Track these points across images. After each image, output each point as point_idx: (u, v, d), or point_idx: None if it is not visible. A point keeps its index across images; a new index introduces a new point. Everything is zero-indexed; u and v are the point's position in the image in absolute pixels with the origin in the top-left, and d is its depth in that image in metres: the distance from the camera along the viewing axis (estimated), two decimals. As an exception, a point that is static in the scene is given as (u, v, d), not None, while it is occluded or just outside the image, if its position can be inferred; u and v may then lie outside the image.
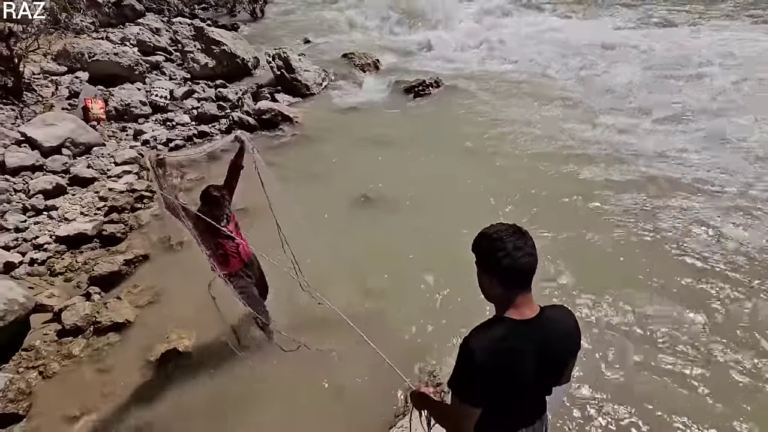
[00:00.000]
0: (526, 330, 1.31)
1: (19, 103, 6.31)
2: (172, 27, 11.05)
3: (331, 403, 3.00)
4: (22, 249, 4.34)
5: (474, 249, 1.38)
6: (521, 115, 7.01)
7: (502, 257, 1.28)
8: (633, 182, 5.18)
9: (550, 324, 1.36)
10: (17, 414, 2.98)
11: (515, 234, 1.31)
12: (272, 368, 3.25)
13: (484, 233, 1.35)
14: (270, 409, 2.99)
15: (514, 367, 1.30)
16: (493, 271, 1.31)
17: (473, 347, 1.28)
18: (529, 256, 1.30)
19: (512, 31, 11.30)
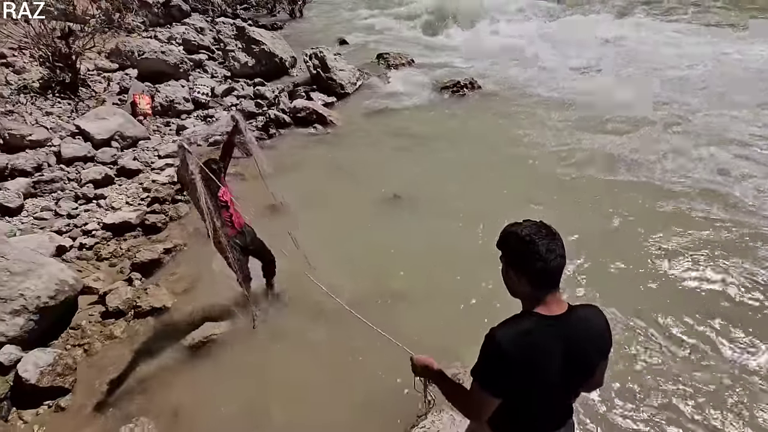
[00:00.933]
0: (553, 326, 1.30)
1: (74, 97, 6.73)
2: (216, 26, 11.47)
3: (350, 402, 3.03)
4: (73, 234, 4.64)
5: (501, 246, 1.38)
6: (556, 123, 6.78)
7: (534, 259, 1.27)
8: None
9: (580, 323, 1.34)
10: (63, 387, 3.19)
11: (547, 235, 1.29)
12: (298, 361, 3.33)
13: (514, 232, 1.33)
14: (294, 409, 3.05)
15: (539, 362, 1.28)
16: (522, 271, 1.31)
17: (499, 338, 1.28)
18: (560, 257, 1.29)
19: (558, 35, 10.94)
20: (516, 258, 1.32)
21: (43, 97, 6.52)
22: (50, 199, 5.06)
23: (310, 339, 3.49)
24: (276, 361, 3.35)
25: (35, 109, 6.24)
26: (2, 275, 3.34)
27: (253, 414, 3.00)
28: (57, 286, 3.54)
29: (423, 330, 3.43)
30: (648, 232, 4.36)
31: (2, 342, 3.24)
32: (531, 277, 1.30)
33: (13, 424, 3.01)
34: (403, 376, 2.89)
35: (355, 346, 3.35)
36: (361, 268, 4.12)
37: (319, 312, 3.67)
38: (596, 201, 4.92)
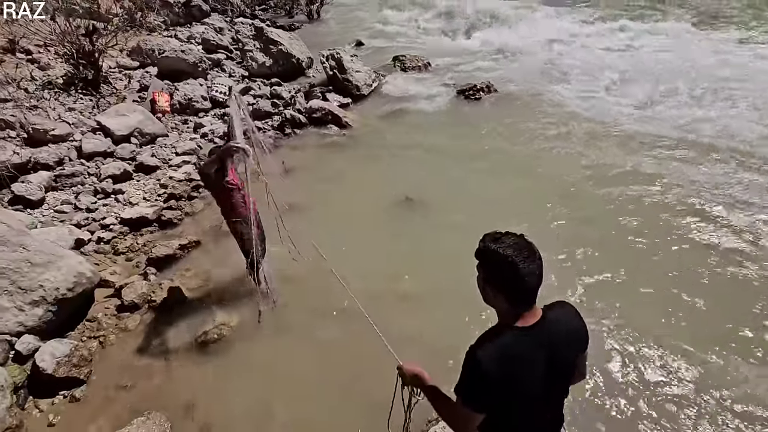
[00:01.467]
0: (532, 336, 1.31)
1: (96, 94, 6.87)
2: (234, 27, 11.61)
3: (358, 404, 3.01)
4: (91, 228, 4.72)
5: (479, 258, 1.36)
6: (576, 134, 6.63)
7: (513, 281, 1.27)
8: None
9: (555, 326, 1.35)
10: (78, 378, 3.24)
11: (528, 256, 1.27)
12: (308, 360, 3.34)
13: (494, 250, 1.30)
14: (302, 405, 3.05)
15: (521, 375, 1.30)
16: (499, 289, 1.32)
17: (479, 356, 1.29)
18: (538, 277, 1.29)
19: (585, 40, 10.78)
20: (494, 276, 1.32)
21: (66, 93, 6.67)
22: (70, 193, 5.16)
23: (321, 338, 3.50)
24: (286, 360, 3.36)
25: (58, 105, 6.38)
26: (23, 266, 3.42)
27: (262, 412, 3.01)
28: (75, 278, 3.60)
29: (427, 332, 3.42)
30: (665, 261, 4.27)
31: (21, 331, 3.31)
32: (509, 295, 1.31)
33: (29, 413, 3.06)
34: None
35: (366, 347, 3.33)
36: (369, 267, 4.12)
37: (332, 312, 3.71)
38: (612, 220, 4.67)
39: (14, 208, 4.72)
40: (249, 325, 3.65)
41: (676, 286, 3.78)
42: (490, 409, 1.33)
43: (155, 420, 2.89)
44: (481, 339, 1.36)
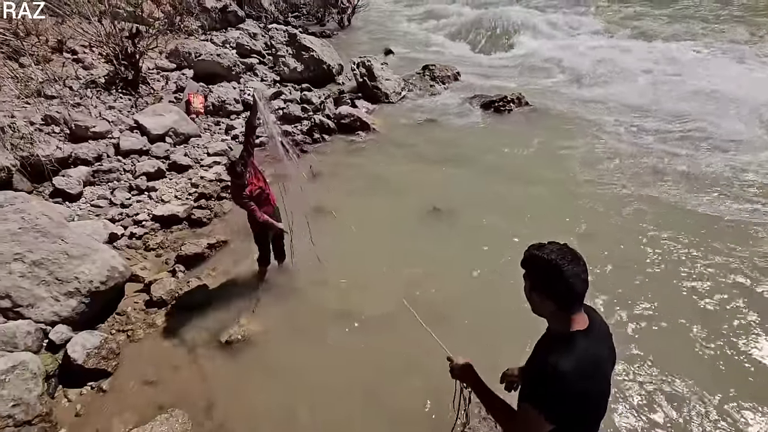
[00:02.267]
0: (594, 339, 1.38)
1: (135, 93, 7.11)
2: (268, 32, 11.86)
3: (382, 413, 2.97)
4: (125, 223, 4.86)
5: (526, 268, 1.42)
6: (610, 153, 6.39)
7: (560, 284, 1.32)
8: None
9: (600, 325, 1.45)
10: (106, 371, 3.30)
11: (572, 259, 1.33)
12: (332, 366, 3.31)
13: (539, 256, 1.37)
14: (324, 411, 3.02)
15: (599, 377, 1.38)
16: (548, 294, 1.36)
17: (563, 368, 1.29)
18: (584, 281, 1.34)
19: (621, 55, 10.50)
20: (541, 281, 1.37)
21: (108, 92, 6.93)
22: (107, 188, 5.33)
23: (345, 344, 3.48)
24: (308, 364, 3.35)
25: (100, 103, 6.64)
26: (61, 257, 3.53)
27: (282, 416, 3.00)
28: (108, 272, 3.69)
29: (450, 341, 3.34)
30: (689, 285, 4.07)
31: (55, 321, 3.41)
32: (557, 300, 1.35)
33: (59, 402, 3.14)
34: (439, 391, 2.81)
35: (389, 354, 3.30)
36: (393, 275, 4.09)
37: (357, 318, 3.67)
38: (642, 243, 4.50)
39: (54, 201, 4.90)
40: (272, 327, 3.67)
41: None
42: (567, 419, 1.34)
43: (177, 418, 2.91)
44: (554, 352, 1.35)
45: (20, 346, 3.15)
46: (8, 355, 3.02)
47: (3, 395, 2.78)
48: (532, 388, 1.38)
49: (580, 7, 14.21)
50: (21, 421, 2.80)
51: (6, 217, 3.57)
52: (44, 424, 2.88)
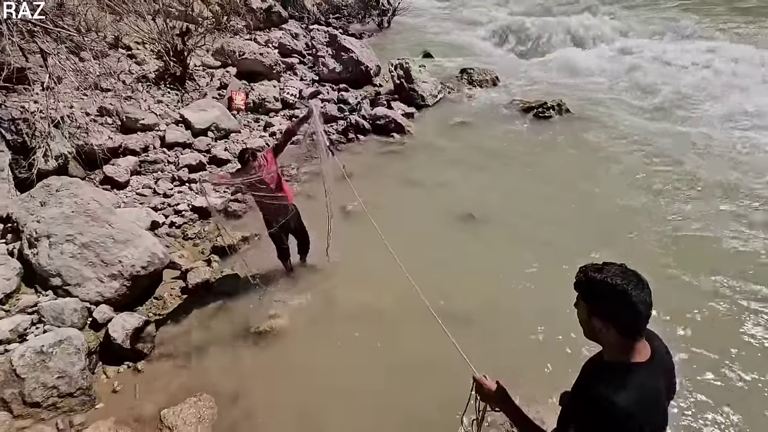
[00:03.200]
0: (653, 371, 1.30)
1: (182, 89, 7.44)
2: (310, 33, 12.10)
3: (400, 415, 2.95)
4: (166, 212, 5.08)
5: (585, 293, 1.32)
6: (647, 161, 6.11)
7: (629, 312, 1.23)
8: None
9: (662, 355, 1.36)
10: (142, 352, 3.47)
11: (638, 284, 1.24)
12: (355, 367, 3.33)
13: (602, 281, 1.26)
14: (346, 410, 3.04)
15: (657, 411, 1.29)
16: (613, 322, 1.27)
17: (620, 403, 1.20)
18: (649, 305, 1.25)
19: (662, 57, 10.03)
20: (605, 308, 1.27)
21: (157, 87, 7.28)
22: (151, 178, 5.60)
23: (371, 345, 3.49)
24: (333, 363, 3.38)
25: (149, 97, 6.98)
26: (108, 241, 3.73)
27: (304, 412, 3.03)
28: (149, 258, 3.88)
29: (478, 351, 3.28)
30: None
31: (99, 301, 3.61)
32: (622, 328, 1.26)
33: (98, 378, 3.32)
34: (459, 397, 2.76)
35: (413, 360, 3.28)
36: (422, 281, 4.05)
37: (381, 320, 3.68)
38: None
39: (104, 188, 5.19)
40: (299, 323, 3.73)
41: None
42: None
43: (205, 403, 3.02)
44: (609, 384, 1.26)
45: (67, 322, 3.36)
46: (56, 329, 3.23)
47: (50, 367, 2.97)
48: (583, 419, 1.30)
49: (630, 12, 13.65)
50: (64, 392, 2.98)
51: (61, 201, 3.82)
52: (84, 397, 3.05)
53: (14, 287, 3.48)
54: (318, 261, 4.30)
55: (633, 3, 14.23)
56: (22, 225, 3.73)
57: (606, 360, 1.34)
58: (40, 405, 2.89)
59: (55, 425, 2.88)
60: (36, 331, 3.27)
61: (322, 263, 4.26)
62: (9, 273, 3.49)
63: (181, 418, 2.84)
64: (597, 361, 1.39)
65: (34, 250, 3.60)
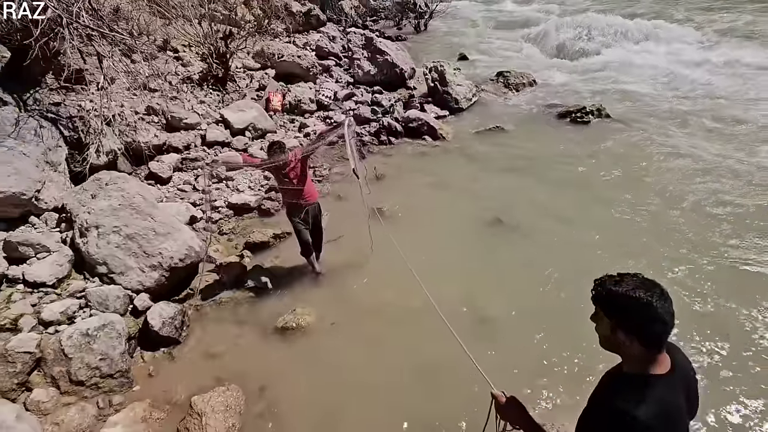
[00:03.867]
0: (674, 384, 1.27)
1: (223, 90, 7.75)
2: (346, 36, 12.30)
3: (421, 417, 2.95)
4: (204, 208, 5.31)
5: (602, 303, 1.30)
6: (690, 172, 5.76)
7: (652, 324, 1.22)
8: None
9: (684, 368, 1.34)
10: (177, 340, 3.64)
11: (662, 296, 1.22)
12: (379, 367, 3.35)
13: (624, 294, 1.24)
14: (368, 409, 3.07)
15: (677, 426, 1.27)
16: (637, 334, 1.24)
17: (640, 417, 1.17)
18: (672, 316, 1.23)
19: (710, 67, 9.49)
20: (630, 321, 1.24)
21: (200, 88, 7.62)
22: (191, 175, 5.87)
23: (396, 347, 3.50)
24: (356, 362, 3.41)
25: (192, 97, 7.32)
26: (150, 234, 3.95)
27: (326, 409, 3.08)
28: (186, 251, 4.07)
29: (503, 357, 3.24)
30: None
31: (140, 290, 3.82)
32: (646, 341, 1.24)
33: (136, 361, 3.52)
34: (479, 404, 2.73)
35: (438, 360, 3.27)
36: (449, 285, 4.03)
37: (403, 322, 3.69)
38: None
39: (148, 183, 5.49)
40: (326, 320, 3.80)
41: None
42: None
43: (233, 392, 3.13)
44: (624, 394, 1.25)
45: (111, 308, 3.59)
46: (101, 314, 3.45)
47: (93, 349, 3.18)
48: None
49: (678, 14, 12.99)
50: (105, 373, 3.18)
51: (110, 194, 4.08)
52: (123, 379, 3.25)
53: (66, 273, 3.75)
54: (346, 259, 4.37)
55: (705, 4, 13.45)
56: (75, 215, 4.01)
57: (625, 372, 1.31)
58: (84, 384, 3.10)
59: (96, 403, 3.08)
60: (83, 314, 3.50)
61: (351, 261, 4.32)
62: (62, 259, 3.76)
63: (209, 405, 2.96)
64: (615, 373, 1.36)
65: (84, 239, 3.87)
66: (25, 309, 3.40)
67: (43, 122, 4.52)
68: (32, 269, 3.63)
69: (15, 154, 4.05)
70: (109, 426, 2.93)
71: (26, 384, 3.03)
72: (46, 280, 3.61)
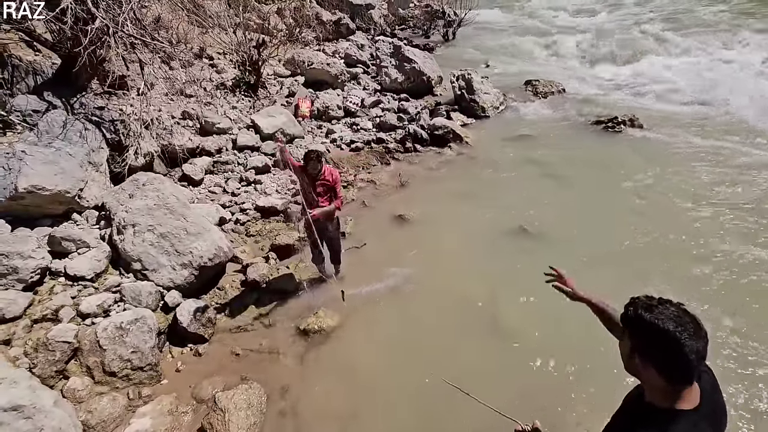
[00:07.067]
0: (702, 418, 1.18)
1: (254, 96, 7.99)
2: (375, 44, 12.47)
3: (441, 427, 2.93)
4: (233, 210, 5.47)
5: (629, 325, 1.22)
6: (724, 188, 5.51)
7: (677, 361, 1.13)
8: None
9: (713, 399, 1.24)
10: (204, 337, 3.76)
11: (695, 333, 1.13)
12: (400, 375, 3.35)
13: (653, 323, 1.15)
14: (388, 418, 3.08)
15: None
16: (657, 367, 1.17)
17: None
18: (704, 357, 1.15)
19: (747, 80, 9.11)
20: (650, 349, 1.18)
21: (233, 94, 7.88)
22: (222, 178, 6.07)
23: (412, 355, 3.50)
24: (376, 366, 3.43)
25: (225, 103, 7.58)
26: (181, 233, 4.11)
27: (347, 414, 3.10)
28: (215, 251, 4.20)
29: (518, 372, 3.19)
30: None
31: (170, 287, 3.97)
32: (667, 376, 1.16)
33: (164, 356, 3.64)
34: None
35: (460, 372, 3.23)
36: (468, 294, 4.01)
37: (423, 329, 3.68)
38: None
39: (181, 184, 5.71)
40: (345, 325, 3.83)
41: None
42: None
43: (256, 391, 3.20)
44: (647, 427, 1.19)
45: (143, 303, 3.74)
46: (134, 309, 3.61)
47: (126, 342, 3.32)
48: None
49: (715, 25, 12.52)
50: (136, 366, 3.32)
51: (146, 194, 4.27)
52: (152, 372, 3.37)
53: (103, 268, 3.94)
54: (372, 266, 4.40)
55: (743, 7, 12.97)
56: (113, 214, 4.21)
57: (648, 402, 1.24)
58: (116, 375, 3.24)
59: (126, 394, 3.21)
60: (117, 308, 3.67)
61: (376, 270, 4.35)
62: (100, 255, 3.96)
63: (233, 402, 3.04)
64: (638, 400, 1.29)
65: (121, 236, 4.06)
66: (66, 301, 3.59)
67: (87, 125, 4.78)
68: (73, 263, 3.83)
69: (62, 155, 4.30)
70: (138, 416, 3.04)
71: (64, 372, 3.19)
72: (85, 274, 3.80)
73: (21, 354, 3.14)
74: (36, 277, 3.62)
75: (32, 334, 3.30)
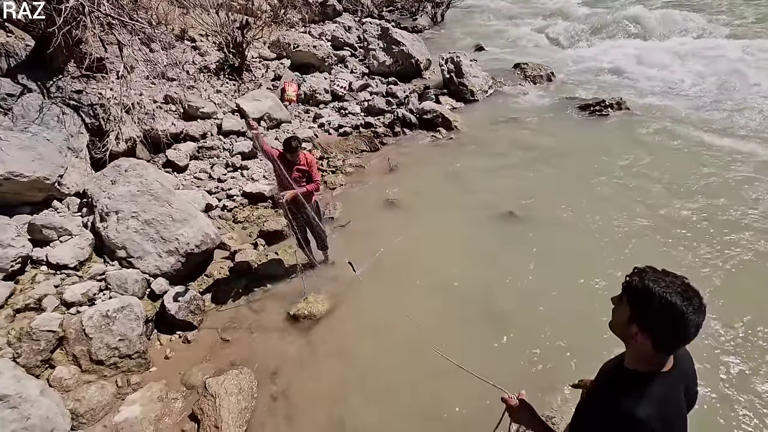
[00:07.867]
0: (675, 379, 1.24)
1: (239, 79, 7.81)
2: (362, 26, 12.23)
3: (426, 416, 2.97)
4: (219, 196, 5.39)
5: (632, 295, 1.21)
6: (709, 172, 5.63)
7: (677, 333, 1.14)
8: None
9: (684, 362, 1.30)
10: (192, 324, 3.73)
11: (696, 303, 1.12)
12: (388, 361, 3.38)
13: (655, 292, 1.14)
14: (376, 401, 3.11)
15: (678, 422, 1.23)
16: (652, 335, 1.17)
17: (642, 416, 1.15)
18: (698, 331, 1.15)
19: (735, 63, 9.18)
20: (651, 322, 1.16)
21: (216, 77, 7.69)
22: (207, 163, 5.95)
23: (401, 340, 3.52)
24: (367, 354, 3.44)
25: (209, 87, 7.39)
26: (167, 219, 4.04)
27: (337, 398, 3.13)
28: (202, 237, 4.14)
29: (513, 353, 3.24)
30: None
31: (157, 274, 3.92)
32: (661, 344, 1.17)
33: (153, 344, 3.62)
34: (488, 406, 2.74)
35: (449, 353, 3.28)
36: (458, 279, 4.03)
37: (417, 315, 3.70)
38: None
39: (166, 170, 5.59)
40: (338, 310, 3.84)
41: None
42: None
43: (246, 376, 3.20)
44: (626, 393, 1.21)
45: (129, 291, 3.69)
46: (120, 297, 3.56)
47: (113, 330, 3.28)
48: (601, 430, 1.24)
49: (708, 7, 12.56)
50: (124, 354, 3.28)
51: (129, 180, 4.17)
52: (140, 360, 3.35)
53: (87, 256, 3.87)
54: (361, 251, 4.39)
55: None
56: (95, 200, 4.11)
57: (626, 367, 1.27)
58: (104, 363, 3.21)
59: (115, 382, 3.19)
60: (103, 296, 3.61)
61: (365, 254, 4.35)
62: (83, 243, 3.88)
63: (223, 387, 3.04)
64: (616, 368, 1.31)
65: (105, 223, 3.97)
66: (49, 290, 3.52)
67: (65, 109, 4.62)
68: (55, 252, 3.74)
69: (39, 140, 4.16)
70: (127, 404, 3.03)
71: (49, 361, 3.15)
72: (68, 262, 3.73)
73: (4, 344, 3.08)
74: (17, 266, 3.54)
75: (15, 324, 3.23)
